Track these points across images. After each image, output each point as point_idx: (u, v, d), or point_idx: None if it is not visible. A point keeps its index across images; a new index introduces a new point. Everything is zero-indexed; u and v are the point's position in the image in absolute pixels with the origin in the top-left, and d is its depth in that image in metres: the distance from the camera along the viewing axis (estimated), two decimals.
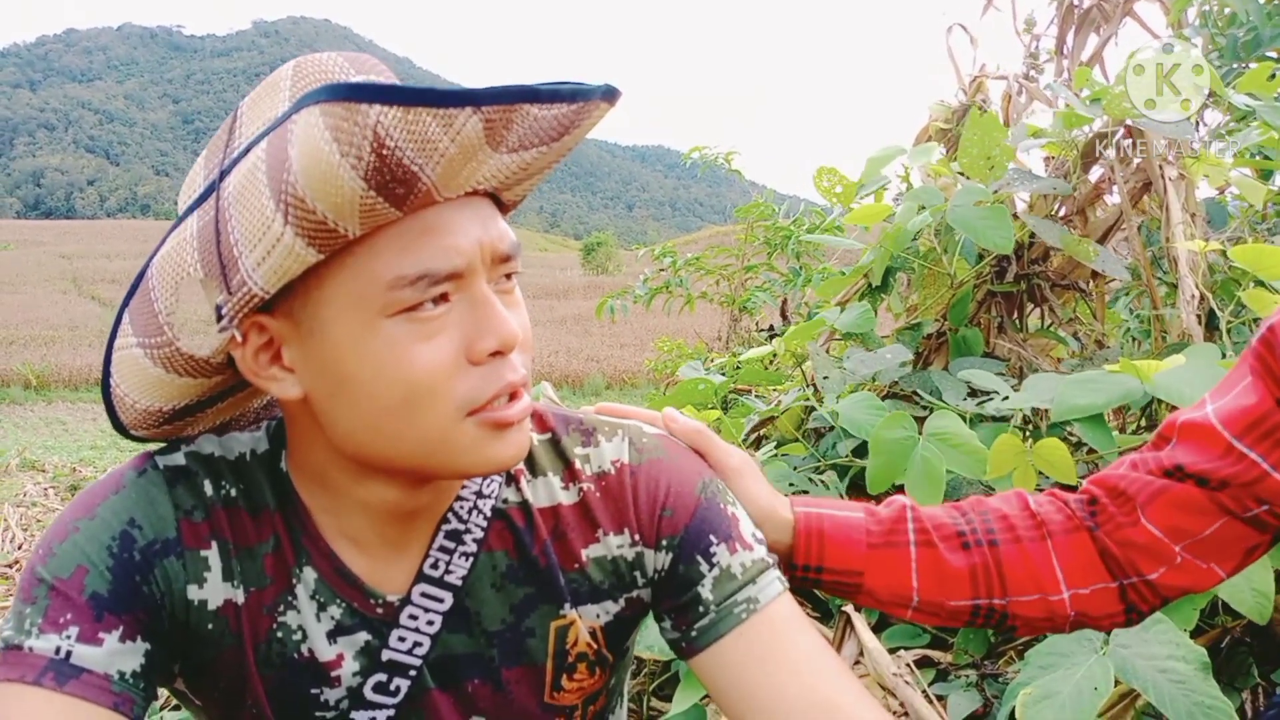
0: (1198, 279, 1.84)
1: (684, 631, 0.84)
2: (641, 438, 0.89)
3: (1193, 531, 0.85)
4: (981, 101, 2.43)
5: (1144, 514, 0.86)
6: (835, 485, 1.80)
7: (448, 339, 0.70)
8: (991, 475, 1.55)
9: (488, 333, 0.71)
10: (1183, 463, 0.85)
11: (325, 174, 0.62)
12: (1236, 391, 0.84)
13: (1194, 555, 0.85)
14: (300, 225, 0.64)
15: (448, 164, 0.65)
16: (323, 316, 0.70)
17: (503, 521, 0.85)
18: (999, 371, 1.96)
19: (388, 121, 0.60)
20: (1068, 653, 1.32)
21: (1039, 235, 1.87)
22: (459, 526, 0.83)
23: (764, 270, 5.35)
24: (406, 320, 0.69)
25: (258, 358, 0.74)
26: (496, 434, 0.73)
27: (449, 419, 0.71)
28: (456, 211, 0.70)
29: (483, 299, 0.71)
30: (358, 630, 0.82)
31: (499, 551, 0.84)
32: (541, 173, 0.77)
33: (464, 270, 0.70)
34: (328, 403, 0.73)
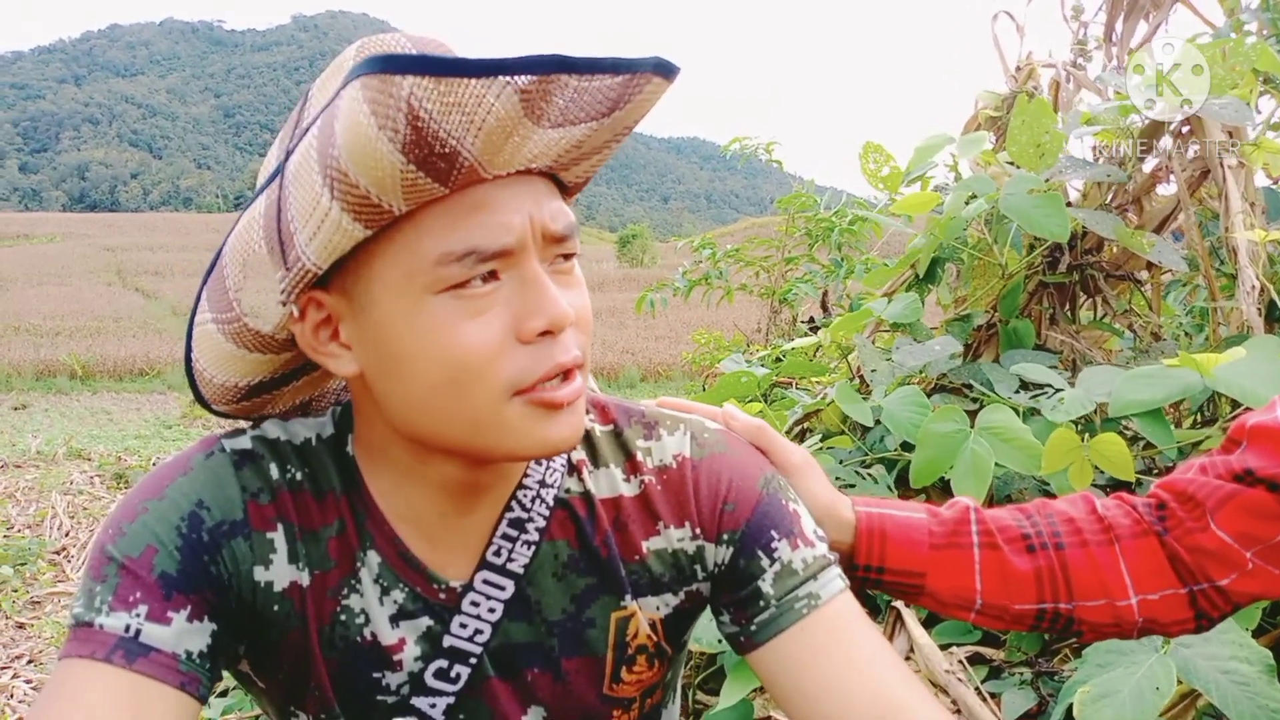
0: (1258, 269, 1.79)
1: (744, 626, 0.84)
2: (703, 433, 0.88)
3: (1264, 538, 0.82)
4: (1032, 88, 2.38)
5: (1214, 519, 0.84)
6: (883, 479, 1.78)
7: (496, 317, 0.70)
8: (1046, 471, 1.52)
9: (537, 312, 0.70)
10: (1253, 467, 0.82)
11: (365, 147, 0.62)
12: None
13: (1265, 561, 0.83)
14: (346, 200, 0.65)
15: (487, 137, 0.64)
16: (374, 293, 0.70)
17: (565, 511, 0.85)
18: (1052, 364, 1.92)
19: (421, 93, 0.60)
20: (1127, 651, 1.30)
21: (1091, 227, 1.83)
22: (522, 515, 0.83)
23: (805, 262, 5.30)
24: (454, 298, 0.69)
25: (317, 334, 0.75)
26: (547, 415, 0.72)
27: (496, 398, 0.70)
28: (507, 189, 0.70)
29: (533, 278, 0.71)
30: (420, 615, 0.82)
31: (561, 541, 0.84)
32: (601, 153, 0.76)
33: (513, 248, 0.70)
34: (381, 380, 0.74)
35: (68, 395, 14.16)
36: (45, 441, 8.99)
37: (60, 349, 17.01)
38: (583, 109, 0.68)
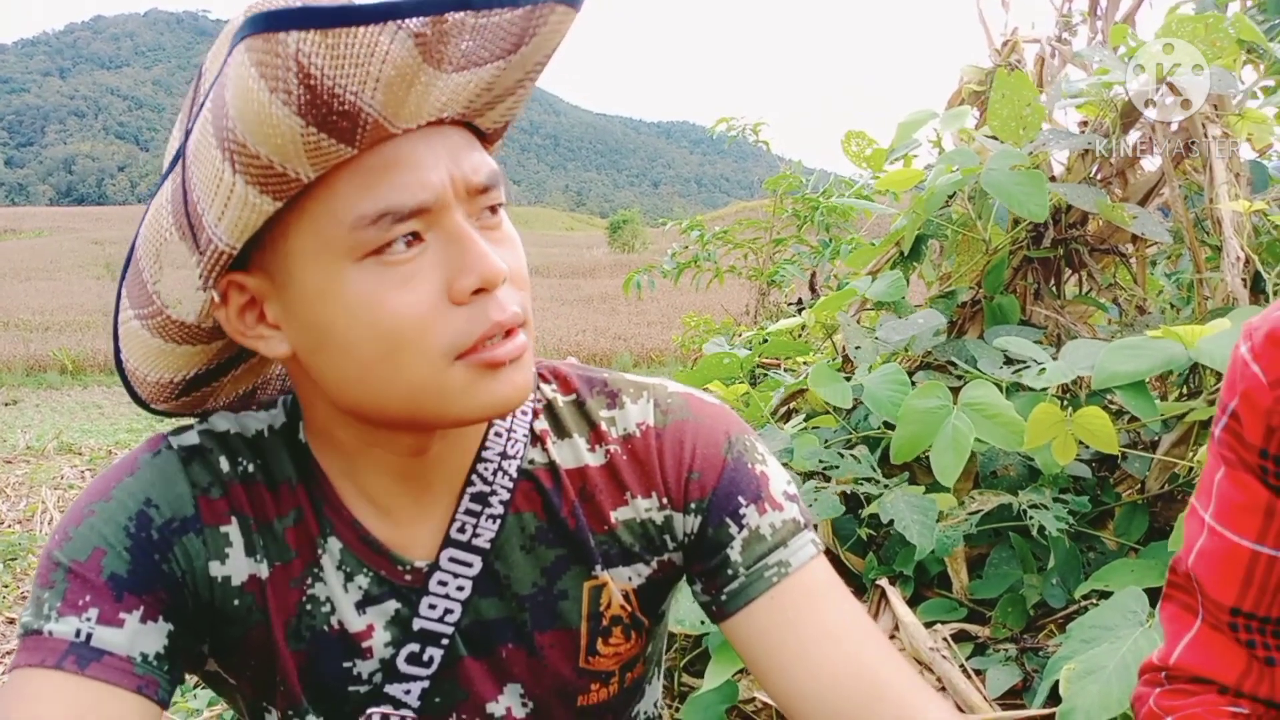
0: (1243, 240, 1.77)
1: (714, 595, 0.82)
2: (667, 398, 0.86)
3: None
4: (1015, 62, 2.37)
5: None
6: (867, 459, 1.76)
7: (425, 281, 0.67)
8: (1029, 446, 1.50)
9: (467, 270, 0.67)
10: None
11: (259, 114, 0.59)
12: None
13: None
14: (249, 173, 0.62)
15: (387, 88, 0.61)
16: (293, 268, 0.68)
17: (530, 483, 0.83)
18: (1036, 339, 1.91)
19: (308, 48, 0.57)
20: (1112, 626, 1.29)
21: (1074, 201, 1.81)
22: (484, 489, 0.81)
23: (793, 243, 5.28)
24: (377, 264, 0.66)
25: (242, 317, 0.72)
26: (490, 375, 0.70)
27: (436, 365, 0.68)
28: (421, 144, 0.67)
29: (459, 234, 0.68)
30: (387, 599, 0.80)
31: (527, 513, 0.83)
32: (515, 94, 0.72)
33: (432, 205, 0.67)
34: (313, 357, 0.71)
35: (58, 390, 14.10)
36: (36, 437, 8.94)
37: (50, 344, 16.92)
38: (486, 48, 0.64)
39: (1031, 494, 1.57)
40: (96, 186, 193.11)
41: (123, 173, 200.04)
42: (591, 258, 32.99)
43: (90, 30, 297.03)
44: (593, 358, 16.44)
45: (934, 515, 1.55)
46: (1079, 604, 1.52)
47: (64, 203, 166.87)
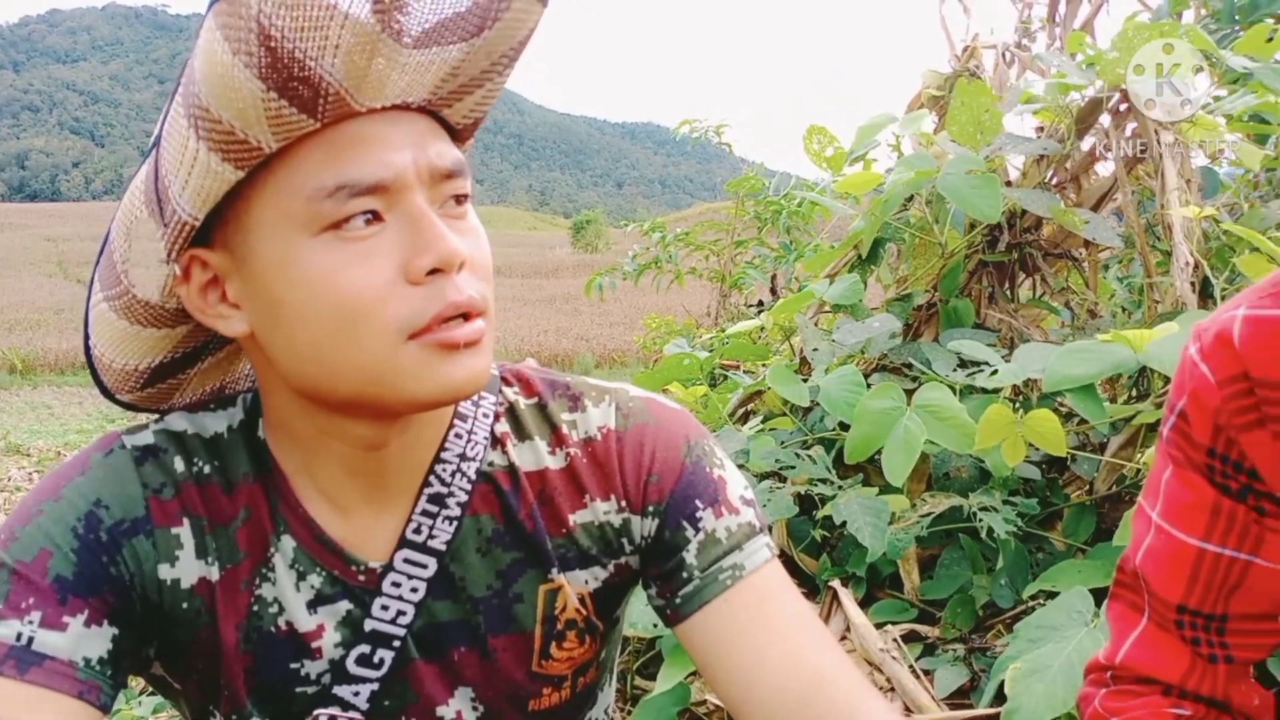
0: (1192, 246, 1.80)
1: (669, 598, 0.82)
2: (628, 402, 0.86)
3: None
4: (974, 68, 2.39)
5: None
6: (822, 459, 1.77)
7: (383, 258, 0.67)
8: (979, 447, 1.51)
9: (424, 249, 0.67)
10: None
11: (221, 76, 0.59)
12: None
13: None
14: (212, 138, 0.62)
15: (347, 57, 0.61)
16: (252, 242, 0.68)
17: (488, 485, 0.82)
18: (990, 342, 1.93)
19: (269, 9, 0.58)
20: (1058, 626, 1.30)
21: (1027, 206, 1.83)
22: (441, 490, 0.81)
23: (754, 245, 5.30)
24: (335, 239, 0.66)
25: (205, 295, 0.72)
26: (445, 356, 0.69)
27: (389, 343, 0.68)
28: (386, 125, 0.67)
29: (419, 215, 0.68)
30: (339, 599, 0.79)
31: (484, 515, 0.82)
32: (482, 85, 0.72)
33: (391, 183, 0.67)
34: (270, 334, 0.71)
35: (7, 390, 13.82)
36: None
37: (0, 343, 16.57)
38: (447, 27, 0.65)
39: (982, 496, 1.59)
40: (50, 183, 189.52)
41: (77, 169, 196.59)
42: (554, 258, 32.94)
43: (46, 24, 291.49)
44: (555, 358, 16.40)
45: (886, 517, 1.55)
46: (1027, 604, 1.53)
47: (16, 199, 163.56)
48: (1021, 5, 3.43)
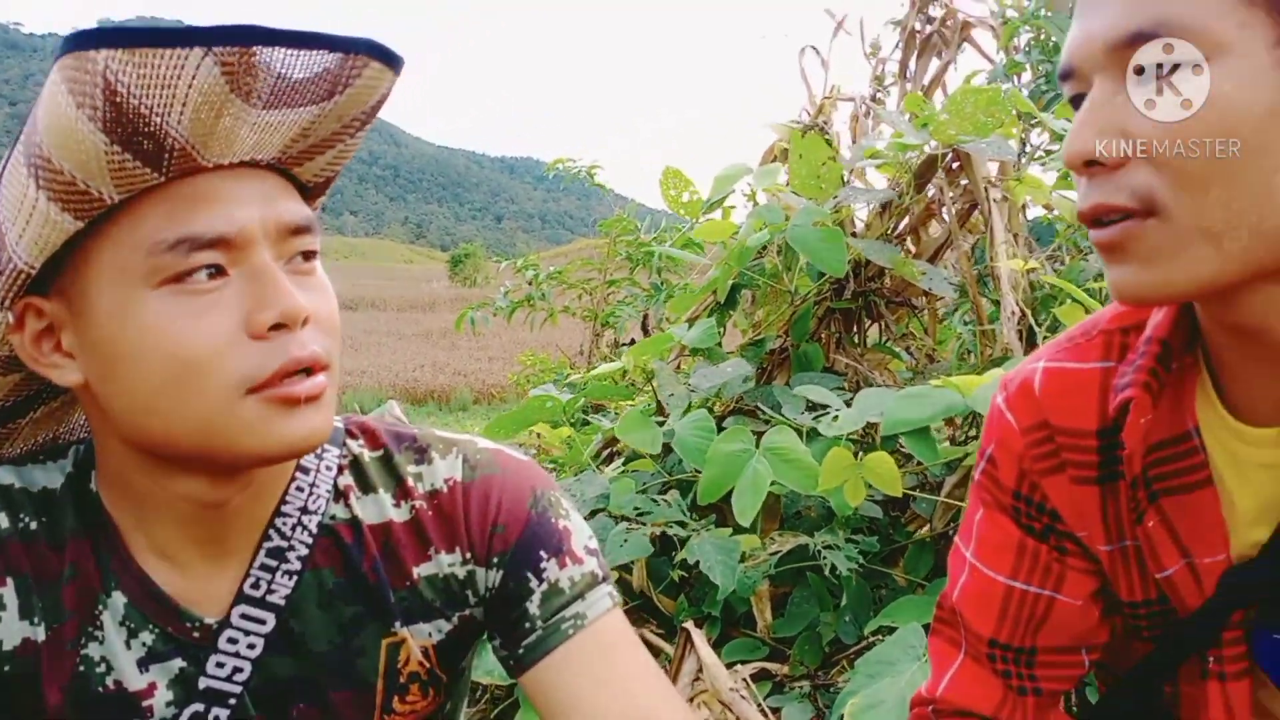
0: (1018, 296, 1.94)
1: (513, 649, 0.83)
2: (476, 454, 0.86)
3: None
4: (823, 123, 2.51)
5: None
6: (678, 502, 1.81)
7: (225, 312, 0.67)
8: (822, 488, 1.59)
9: (267, 304, 0.67)
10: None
11: (65, 128, 0.60)
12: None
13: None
14: (52, 188, 0.62)
15: (194, 115, 0.62)
16: (91, 293, 0.67)
17: (330, 538, 0.81)
18: (838, 386, 2.02)
19: (116, 66, 0.58)
20: (893, 660, 1.37)
21: (870, 256, 1.94)
22: (281, 544, 0.79)
23: (626, 285, 5.37)
24: (175, 292, 0.66)
25: (39, 344, 0.71)
26: (285, 412, 0.69)
27: (225, 396, 0.67)
28: (233, 181, 0.68)
29: (263, 271, 0.68)
30: (172, 656, 0.77)
31: (325, 569, 0.81)
32: (334, 146, 0.73)
33: (234, 238, 0.67)
34: (105, 386, 0.70)
35: None
36: None
37: None
38: (298, 90, 0.65)
39: (826, 535, 1.66)
40: None
41: None
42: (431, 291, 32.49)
43: None
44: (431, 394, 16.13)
45: (737, 556, 1.61)
46: (869, 640, 1.61)
47: None
48: (875, 61, 3.63)
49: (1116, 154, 0.63)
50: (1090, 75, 0.65)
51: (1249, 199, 0.60)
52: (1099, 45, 0.64)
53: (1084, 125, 0.65)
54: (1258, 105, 0.59)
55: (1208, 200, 0.61)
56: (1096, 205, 0.66)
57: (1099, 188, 0.65)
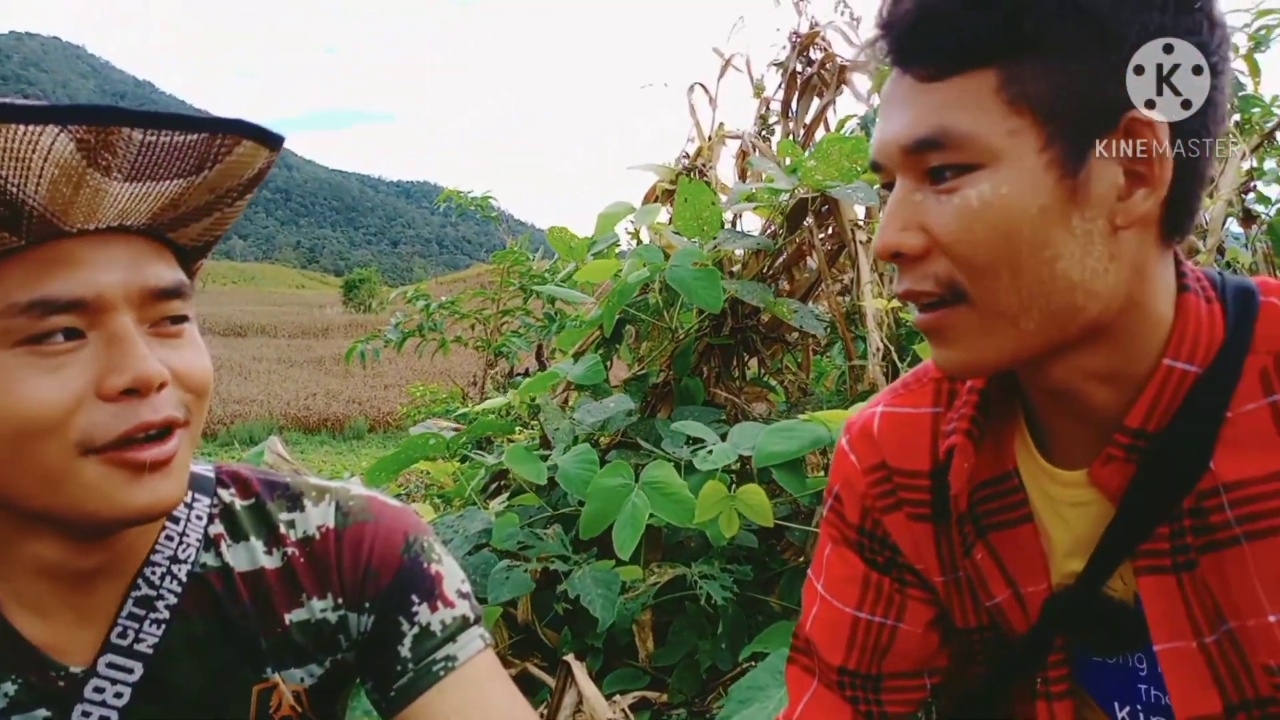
0: (883, 333, 2.05)
1: (384, 693, 0.84)
2: (349, 500, 0.88)
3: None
4: (702, 165, 2.60)
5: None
6: (560, 536, 1.86)
7: (76, 373, 0.67)
8: (698, 521, 1.65)
9: (121, 369, 0.68)
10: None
11: None
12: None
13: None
14: None
15: (52, 186, 0.64)
16: None
17: (200, 586, 0.82)
18: (718, 419, 2.09)
19: None
20: (763, 686, 1.43)
21: (743, 296, 2.03)
22: (150, 593, 0.80)
23: (520, 315, 5.39)
24: (30, 353, 0.67)
25: None
26: (127, 477, 0.69)
27: (63, 455, 0.68)
28: (99, 246, 0.69)
29: (122, 336, 0.69)
30: (35, 707, 0.76)
31: (195, 617, 0.81)
32: (212, 214, 0.75)
33: (92, 302, 0.68)
34: None
35: None
36: None
37: None
38: (162, 165, 0.67)
39: (703, 565, 1.72)
40: None
41: None
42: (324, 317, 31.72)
43: None
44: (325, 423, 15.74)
45: (617, 588, 1.66)
46: (745, 666, 1.67)
47: None
48: (760, 100, 3.76)
49: (917, 248, 0.71)
50: (893, 171, 0.74)
51: (1036, 285, 0.69)
52: (895, 148, 0.72)
53: (889, 221, 0.73)
54: (1032, 205, 0.68)
55: (1000, 287, 0.69)
56: (907, 291, 0.74)
57: (908, 276, 0.73)
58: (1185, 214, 0.72)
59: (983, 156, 0.68)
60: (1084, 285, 0.69)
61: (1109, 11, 0.66)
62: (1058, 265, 0.69)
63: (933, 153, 0.70)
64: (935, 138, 0.69)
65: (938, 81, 0.69)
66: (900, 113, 0.72)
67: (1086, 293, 0.69)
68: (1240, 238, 3.28)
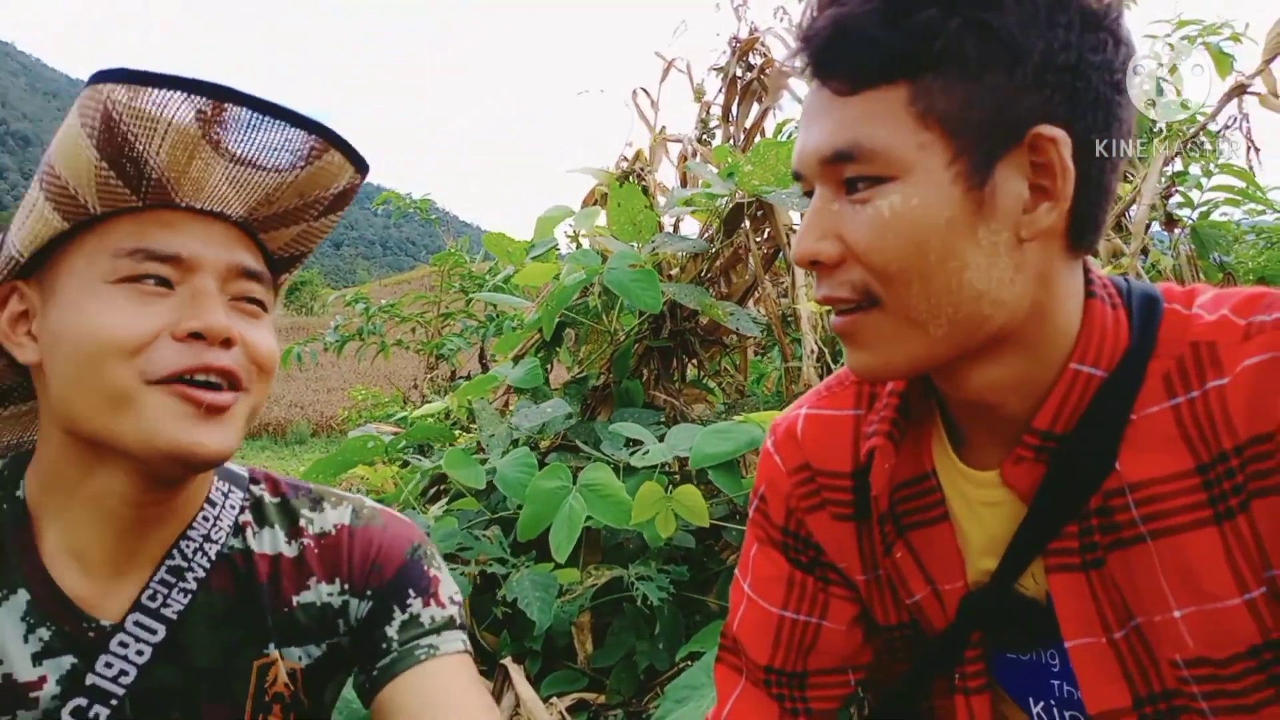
0: (817, 335, 2.08)
1: (369, 672, 0.89)
2: (364, 508, 0.96)
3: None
4: (640, 169, 2.62)
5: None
6: (499, 539, 1.86)
7: (157, 313, 0.76)
8: (635, 522, 1.66)
9: (195, 316, 0.77)
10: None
11: (69, 142, 0.74)
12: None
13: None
14: (49, 191, 0.76)
15: (170, 150, 0.75)
16: (60, 285, 0.78)
17: (226, 566, 0.89)
18: (657, 421, 2.11)
19: (116, 96, 0.72)
20: (698, 685, 1.45)
21: (680, 299, 2.04)
22: (182, 564, 0.87)
23: (461, 318, 5.37)
24: (125, 288, 0.76)
25: (14, 325, 0.81)
26: (183, 413, 0.76)
27: (129, 380, 0.75)
28: (199, 222, 0.80)
29: (202, 291, 0.78)
30: (65, 653, 0.82)
31: (218, 592, 0.88)
32: (299, 225, 0.86)
33: (185, 260, 0.78)
34: (50, 363, 0.79)
35: None
36: None
37: None
38: (262, 153, 0.78)
39: (640, 566, 1.73)
40: None
41: None
42: None
43: None
44: (266, 427, 15.48)
45: (554, 591, 1.66)
46: (681, 666, 1.69)
47: None
48: (701, 105, 3.79)
49: (834, 256, 0.74)
50: (813, 181, 0.76)
51: (944, 294, 0.71)
52: (813, 159, 0.74)
53: (807, 229, 0.75)
54: (940, 217, 0.70)
55: (910, 295, 0.72)
56: (825, 297, 0.76)
57: (826, 282, 0.76)
58: (1090, 226, 0.74)
59: (894, 169, 0.70)
60: (990, 294, 0.72)
61: (1016, 30, 0.68)
62: (965, 275, 0.71)
63: (847, 164, 0.72)
64: (849, 150, 0.71)
65: (852, 95, 0.72)
66: (818, 124, 0.74)
67: (993, 302, 0.72)
68: (1165, 241, 3.38)
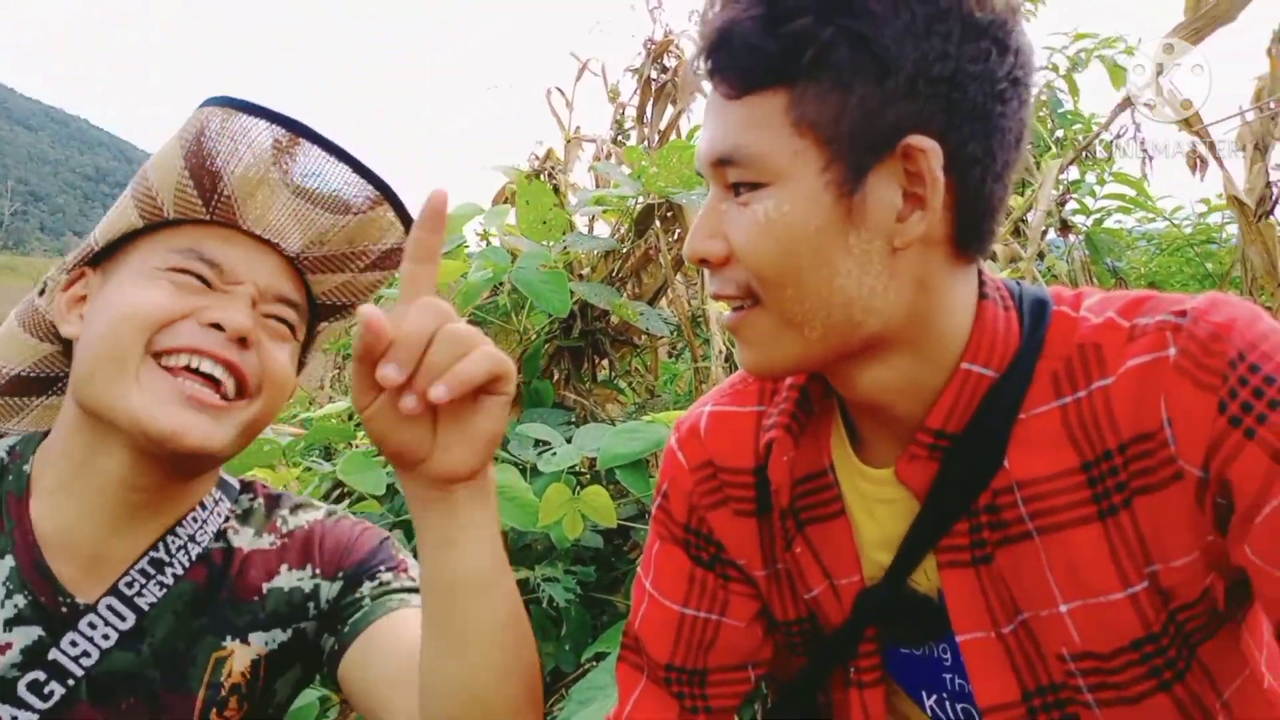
0: (725, 336, 2.10)
1: (339, 633, 0.91)
2: (339, 512, 1.01)
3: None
4: (552, 167, 2.61)
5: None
6: (401, 541, 1.82)
7: (187, 300, 0.83)
8: (541, 524, 1.65)
9: (218, 308, 0.84)
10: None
11: (166, 152, 0.84)
12: None
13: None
14: (136, 192, 0.86)
15: (244, 173, 0.84)
16: (116, 271, 0.87)
17: (204, 562, 0.93)
18: (567, 421, 2.10)
19: (213, 117, 0.84)
20: (603, 685, 1.44)
21: (590, 299, 2.04)
22: (164, 557, 0.90)
23: None
24: (170, 276, 0.84)
25: (73, 306, 0.89)
26: (176, 396, 0.81)
27: (137, 348, 0.81)
28: (254, 246, 0.88)
29: (236, 295, 0.85)
30: (34, 624, 0.84)
31: (189, 583, 0.91)
32: (345, 272, 0.93)
33: (228, 269, 0.85)
34: (83, 335, 0.86)
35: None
36: None
37: None
38: (322, 191, 0.87)
39: (546, 568, 1.72)
40: None
41: None
42: None
43: None
44: None
45: None
46: (587, 667, 1.68)
47: None
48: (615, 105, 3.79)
49: (720, 255, 0.75)
50: (708, 182, 0.77)
51: (816, 299, 0.73)
52: (704, 160, 0.76)
53: (697, 228, 0.77)
54: (810, 224, 0.72)
55: (786, 297, 0.74)
56: (715, 293, 0.79)
57: (715, 279, 0.78)
58: (975, 234, 0.76)
59: (770, 175, 0.72)
60: (861, 302, 0.73)
61: (889, 40, 0.69)
62: (835, 281, 0.73)
63: (730, 168, 0.74)
64: (730, 155, 0.73)
65: (738, 99, 0.73)
66: (710, 127, 0.76)
67: (864, 309, 0.74)
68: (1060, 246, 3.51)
